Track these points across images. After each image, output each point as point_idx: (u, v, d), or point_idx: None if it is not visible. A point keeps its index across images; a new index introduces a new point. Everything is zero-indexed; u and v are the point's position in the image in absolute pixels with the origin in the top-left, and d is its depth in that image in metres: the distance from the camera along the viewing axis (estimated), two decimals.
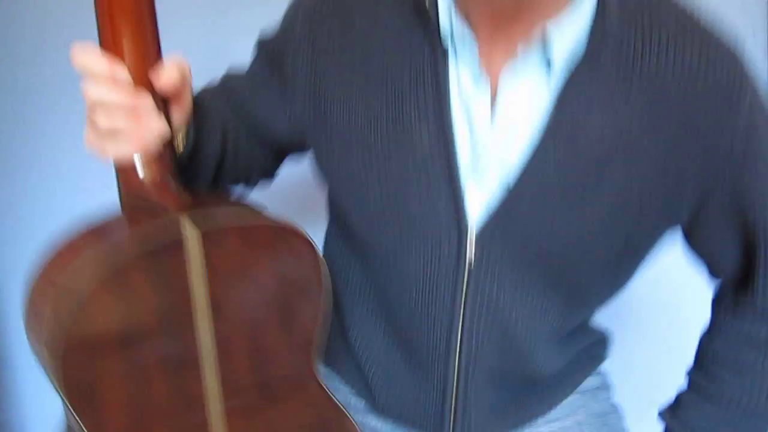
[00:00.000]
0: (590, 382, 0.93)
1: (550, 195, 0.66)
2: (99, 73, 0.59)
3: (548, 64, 0.64)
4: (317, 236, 0.74)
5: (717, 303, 0.86)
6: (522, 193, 0.67)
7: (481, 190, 0.69)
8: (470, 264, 0.71)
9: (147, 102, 0.61)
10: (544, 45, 0.63)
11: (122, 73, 0.60)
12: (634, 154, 0.64)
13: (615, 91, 0.63)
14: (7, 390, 1.68)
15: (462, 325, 0.73)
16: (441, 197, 0.69)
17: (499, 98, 0.67)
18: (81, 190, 1.63)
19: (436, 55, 0.67)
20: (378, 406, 0.84)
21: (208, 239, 0.61)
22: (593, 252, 0.71)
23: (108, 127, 0.60)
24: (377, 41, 0.70)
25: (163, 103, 0.66)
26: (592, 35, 0.62)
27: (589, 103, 0.63)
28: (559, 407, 0.88)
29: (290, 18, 0.79)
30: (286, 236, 0.67)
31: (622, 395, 1.52)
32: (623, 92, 0.63)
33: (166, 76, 0.63)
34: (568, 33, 0.62)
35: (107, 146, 0.62)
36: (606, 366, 1.45)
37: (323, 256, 0.72)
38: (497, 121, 0.67)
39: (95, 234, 0.66)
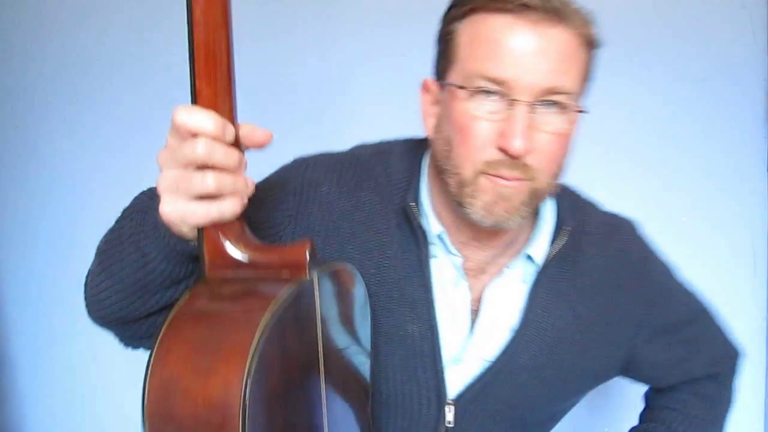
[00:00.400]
0: None
1: (522, 372, 0.82)
2: (210, 133, 0.54)
3: (530, 258, 0.82)
4: None
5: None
6: (498, 372, 0.81)
7: (462, 367, 0.82)
8: (447, 425, 0.82)
9: (244, 158, 0.58)
10: (523, 255, 0.82)
11: (232, 131, 0.56)
12: (586, 328, 0.84)
13: (569, 283, 0.83)
14: (7, 390, 1.68)
15: None
16: (425, 378, 0.81)
17: (483, 307, 0.82)
18: (81, 190, 1.63)
19: (422, 256, 0.79)
20: None
21: (320, 282, 0.60)
22: (554, 403, 0.88)
23: (215, 189, 0.55)
24: (367, 239, 0.79)
25: None
26: (552, 252, 0.82)
27: (552, 296, 0.82)
28: None
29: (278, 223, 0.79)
30: (345, 270, 0.70)
31: (622, 395, 1.53)
32: (574, 284, 0.83)
33: (264, 133, 0.59)
34: (541, 242, 0.82)
35: (209, 209, 0.56)
36: None
37: None
38: (480, 322, 0.82)
39: (215, 301, 0.60)
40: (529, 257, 0.82)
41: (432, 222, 0.79)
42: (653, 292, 0.89)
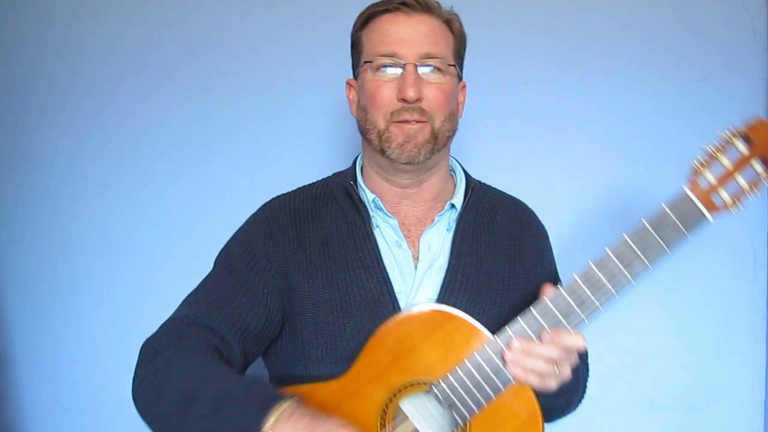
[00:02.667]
0: None
1: (459, 304, 0.97)
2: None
3: (453, 207, 1.06)
4: None
5: None
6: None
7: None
8: None
9: None
10: (448, 205, 1.07)
11: None
12: (500, 263, 1.06)
13: (484, 233, 1.07)
14: (7, 390, 1.68)
15: None
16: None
17: (420, 254, 1.03)
18: (81, 189, 1.63)
19: (367, 227, 1.03)
20: None
21: None
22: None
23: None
24: (325, 227, 1.04)
25: None
26: (465, 203, 1.07)
27: (470, 240, 1.05)
28: None
29: (250, 238, 1.04)
30: None
31: (622, 395, 1.53)
32: (488, 235, 1.07)
33: None
34: (459, 195, 1.08)
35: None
36: (602, 368, 1.43)
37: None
38: (420, 267, 1.02)
39: None
40: (453, 205, 1.06)
41: (367, 193, 1.05)
42: (546, 239, 1.16)
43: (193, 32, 1.58)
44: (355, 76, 1.06)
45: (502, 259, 1.06)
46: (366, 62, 1.01)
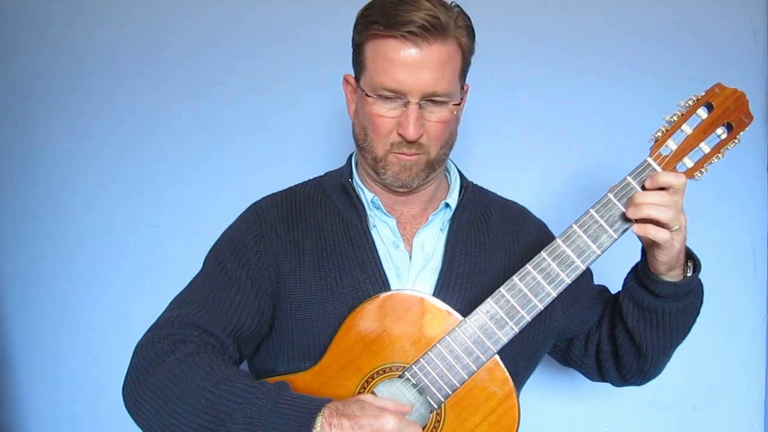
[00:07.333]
0: None
1: (453, 303, 0.97)
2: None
3: (447, 206, 1.07)
4: None
5: None
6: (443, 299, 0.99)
7: None
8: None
9: None
10: (443, 204, 1.08)
11: None
12: (496, 261, 1.07)
13: (479, 232, 1.08)
14: (7, 390, 1.68)
15: None
16: None
17: (414, 253, 1.04)
18: (80, 190, 1.64)
19: (363, 225, 1.03)
20: None
21: None
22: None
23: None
24: (320, 227, 1.04)
25: None
26: (459, 202, 1.08)
27: (464, 239, 1.06)
28: None
29: (241, 237, 1.04)
30: None
31: (622, 395, 1.53)
32: (483, 233, 1.08)
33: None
34: (454, 194, 1.09)
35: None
36: None
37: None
38: (413, 266, 1.03)
39: None
40: (447, 204, 1.07)
41: (365, 192, 1.06)
42: (543, 233, 1.16)
43: (193, 33, 1.58)
44: (355, 73, 1.04)
45: (499, 257, 1.06)
46: (367, 95, 0.98)
